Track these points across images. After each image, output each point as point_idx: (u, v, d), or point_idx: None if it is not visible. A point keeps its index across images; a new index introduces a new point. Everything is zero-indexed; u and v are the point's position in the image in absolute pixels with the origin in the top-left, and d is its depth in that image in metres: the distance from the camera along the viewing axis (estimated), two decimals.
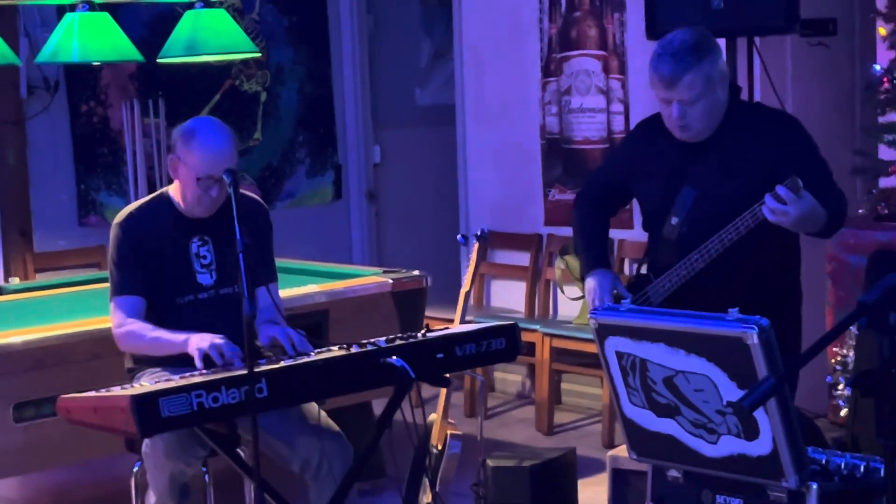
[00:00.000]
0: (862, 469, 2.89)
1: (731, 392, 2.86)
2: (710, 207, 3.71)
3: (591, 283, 3.94)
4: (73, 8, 4.99)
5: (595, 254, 4.01)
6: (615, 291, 3.88)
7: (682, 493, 3.10)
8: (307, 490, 3.97)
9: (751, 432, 2.89)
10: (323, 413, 4.01)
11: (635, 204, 4.18)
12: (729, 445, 2.97)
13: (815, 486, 2.87)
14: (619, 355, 3.11)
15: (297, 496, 4.00)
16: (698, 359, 2.92)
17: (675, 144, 3.82)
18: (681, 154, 3.81)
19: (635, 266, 4.38)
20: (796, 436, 2.84)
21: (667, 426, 3.10)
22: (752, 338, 2.78)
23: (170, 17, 5.60)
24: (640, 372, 3.06)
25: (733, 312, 2.86)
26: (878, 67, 5.24)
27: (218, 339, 3.75)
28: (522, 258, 6.91)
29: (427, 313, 5.63)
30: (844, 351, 4.88)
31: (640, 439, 3.18)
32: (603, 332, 3.15)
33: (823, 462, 2.95)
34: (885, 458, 2.33)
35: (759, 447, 2.90)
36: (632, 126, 6.31)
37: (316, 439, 3.89)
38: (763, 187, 3.50)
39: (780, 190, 3.38)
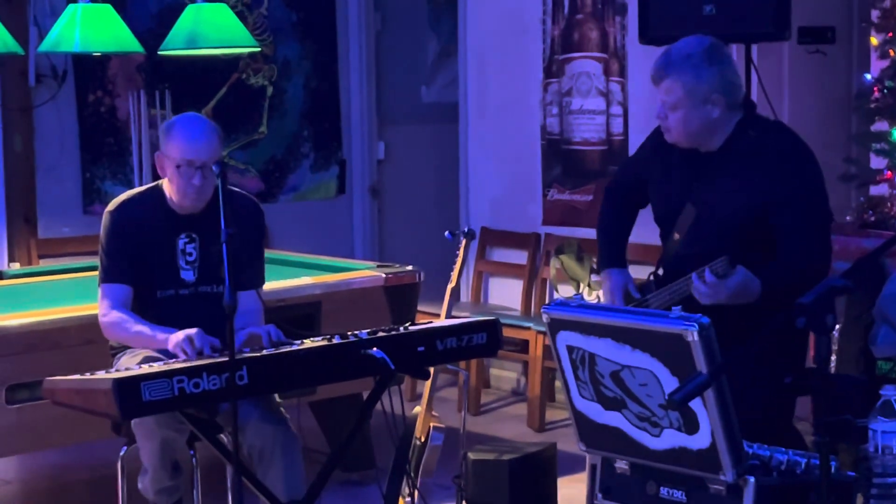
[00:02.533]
0: (803, 465, 2.97)
1: (673, 387, 2.93)
2: (706, 228, 3.73)
3: (606, 281, 4.02)
4: None
5: (611, 252, 4.07)
6: (627, 290, 3.95)
7: (628, 485, 3.18)
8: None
9: (691, 426, 2.96)
10: (276, 401, 4.08)
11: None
12: (671, 439, 3.05)
13: (752, 479, 2.94)
14: (570, 349, 3.19)
15: None
16: (643, 354, 3.00)
17: (684, 156, 3.82)
18: (688, 167, 3.81)
19: (637, 268, 4.40)
20: (734, 431, 2.91)
21: (614, 419, 3.17)
22: (693, 335, 2.86)
23: (178, 10, 5.67)
24: (589, 366, 3.15)
25: (676, 310, 2.93)
26: (868, 77, 5.30)
27: (191, 331, 3.83)
28: (520, 256, 6.98)
29: (425, 308, 5.71)
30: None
31: (589, 431, 3.26)
32: (555, 327, 3.24)
33: (766, 457, 3.02)
34: (819, 454, 2.40)
35: (699, 441, 2.97)
36: (630, 129, 6.42)
37: (266, 426, 3.95)
38: (757, 217, 3.58)
39: (707, 275, 3.49)
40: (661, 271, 3.95)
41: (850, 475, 2.93)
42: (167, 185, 4.15)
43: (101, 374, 3.60)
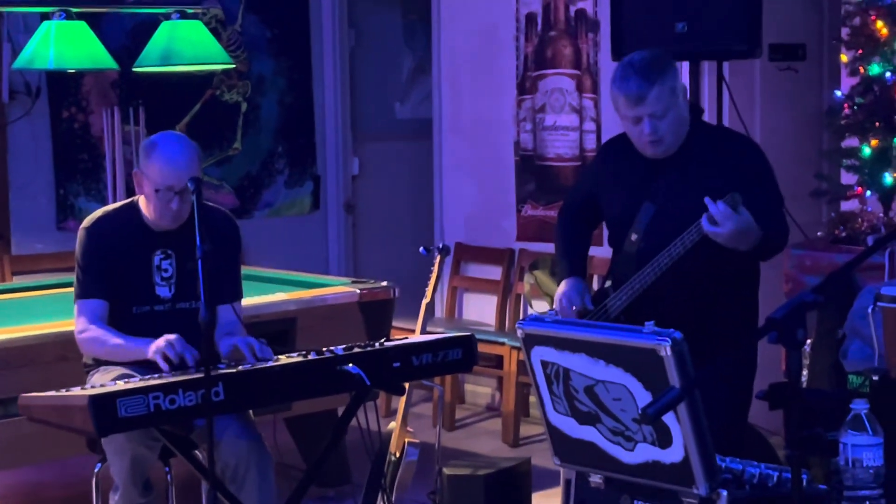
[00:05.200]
0: (775, 478, 3.00)
1: (646, 401, 2.95)
2: (667, 223, 3.80)
3: (561, 288, 4.05)
4: (50, 16, 5.08)
5: (570, 265, 4.11)
6: (577, 308, 3.98)
7: (602, 499, 3.20)
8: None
9: (664, 440, 2.99)
10: (250, 417, 4.09)
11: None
12: (644, 453, 3.07)
13: (724, 493, 2.96)
14: (544, 364, 3.22)
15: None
16: (616, 369, 3.03)
17: (639, 162, 3.92)
18: (643, 170, 3.91)
19: (605, 282, 4.45)
20: (707, 444, 2.93)
21: (588, 433, 3.19)
22: (666, 349, 2.89)
23: (152, 27, 5.68)
24: (564, 380, 3.17)
25: (649, 325, 2.96)
26: (839, 93, 5.35)
27: (171, 337, 3.84)
28: (494, 272, 7.00)
29: (400, 324, 5.72)
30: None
31: (564, 446, 3.28)
32: (529, 342, 3.26)
33: (738, 471, 3.05)
34: (791, 468, 2.43)
35: (672, 455, 2.99)
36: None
37: (240, 442, 3.95)
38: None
39: (720, 205, 3.52)
40: (608, 283, 4.03)
41: (822, 488, 2.96)
42: (143, 202, 4.15)
43: (76, 391, 3.60)
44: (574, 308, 3.99)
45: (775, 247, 3.83)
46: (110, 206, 4.31)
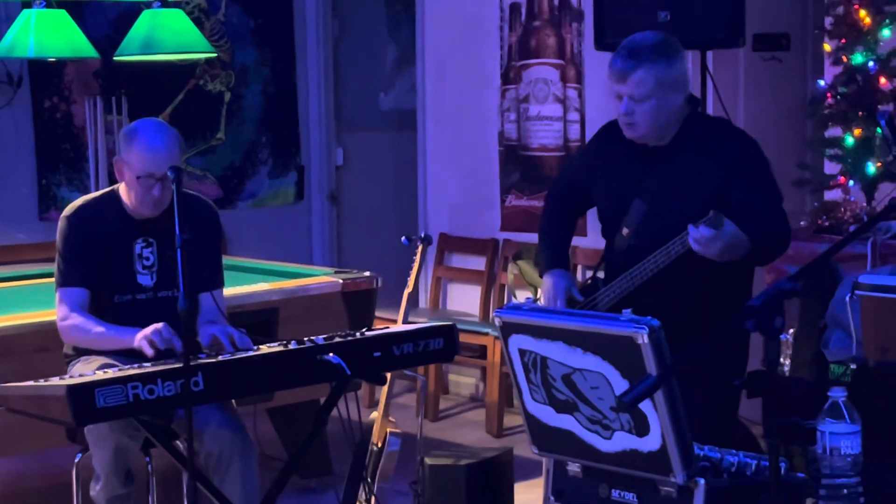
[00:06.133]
0: (753, 467, 2.99)
1: (624, 389, 2.94)
2: (659, 221, 3.75)
3: (547, 282, 4.00)
4: (30, 4, 5.05)
5: (554, 255, 4.06)
6: (570, 294, 3.96)
7: (580, 488, 3.20)
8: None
9: (641, 429, 2.98)
10: (233, 407, 4.07)
11: (591, 212, 4.22)
12: (622, 441, 3.06)
13: (702, 481, 2.96)
14: (522, 352, 3.20)
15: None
16: (594, 357, 3.02)
17: (632, 152, 3.85)
18: (635, 163, 3.85)
19: (587, 272, 4.45)
20: (684, 433, 2.93)
21: (565, 422, 3.18)
22: (643, 337, 2.88)
23: (134, 16, 5.63)
24: (541, 369, 3.16)
25: (626, 313, 2.95)
26: (822, 83, 5.35)
27: (158, 325, 3.83)
28: (478, 262, 6.99)
29: (383, 314, 5.70)
30: (780, 360, 4.97)
31: (542, 434, 3.27)
32: (507, 330, 3.24)
33: (716, 459, 3.04)
34: (769, 457, 2.42)
35: (649, 443, 2.99)
36: (587, 134, 6.44)
37: (223, 432, 3.93)
38: (712, 203, 3.55)
39: (702, 229, 3.44)
40: (601, 273, 3.99)
41: (800, 477, 2.96)
42: (124, 190, 4.13)
43: (55, 381, 3.57)
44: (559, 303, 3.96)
45: (773, 249, 3.73)
46: (91, 195, 4.29)
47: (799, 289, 2.39)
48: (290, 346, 3.79)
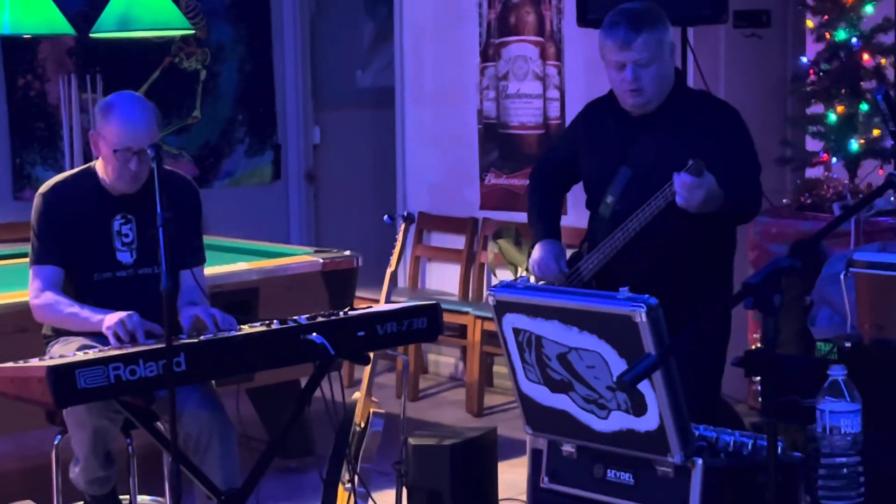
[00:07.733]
0: (749, 446, 2.97)
1: (621, 369, 2.92)
2: (643, 187, 3.77)
3: (536, 252, 4.01)
4: None
5: (544, 227, 4.07)
6: (559, 263, 3.96)
7: (575, 468, 3.17)
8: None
9: (639, 408, 2.96)
10: (213, 388, 4.03)
11: (572, 191, 4.24)
12: (618, 421, 3.04)
13: (700, 461, 2.94)
14: (516, 331, 3.17)
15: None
16: (590, 336, 2.99)
17: (618, 124, 3.90)
18: (621, 134, 3.89)
19: (569, 252, 4.43)
20: (682, 412, 2.90)
21: (560, 401, 3.15)
22: (641, 316, 2.85)
23: None
24: (536, 348, 3.12)
25: (623, 291, 2.92)
26: (804, 60, 5.33)
27: (123, 314, 3.76)
28: (458, 241, 6.96)
29: (363, 294, 5.67)
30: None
31: (536, 414, 3.24)
32: (501, 309, 3.21)
33: (713, 439, 3.02)
34: (767, 436, 2.39)
35: (647, 423, 2.97)
36: (567, 112, 6.41)
37: (202, 413, 3.88)
38: None
39: (684, 176, 3.48)
40: (585, 246, 4.00)
41: (797, 456, 2.94)
42: (100, 166, 4.07)
43: (34, 362, 3.52)
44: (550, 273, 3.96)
45: (745, 213, 3.80)
46: (67, 173, 4.22)
47: (798, 266, 2.36)
48: (274, 326, 3.75)
